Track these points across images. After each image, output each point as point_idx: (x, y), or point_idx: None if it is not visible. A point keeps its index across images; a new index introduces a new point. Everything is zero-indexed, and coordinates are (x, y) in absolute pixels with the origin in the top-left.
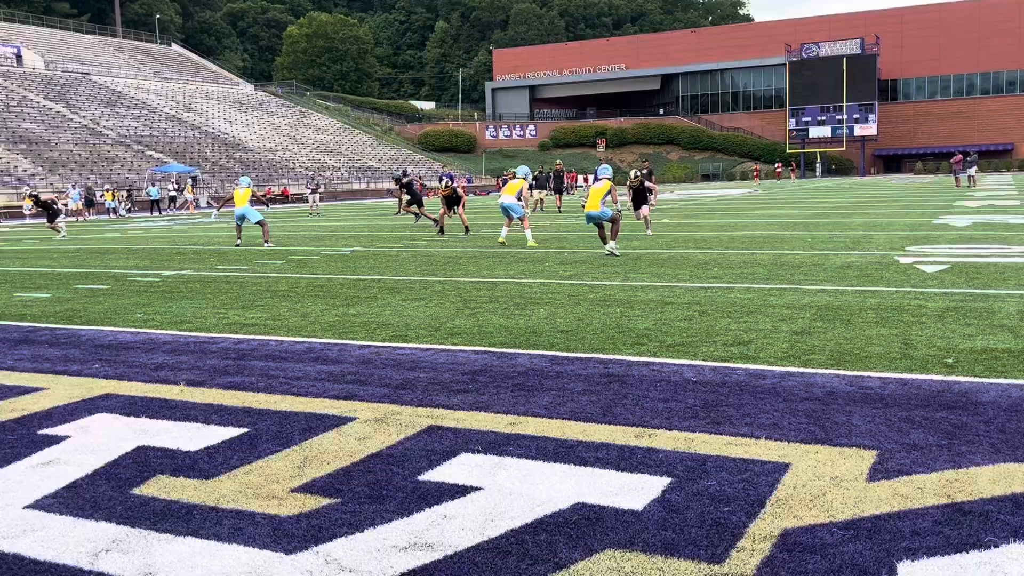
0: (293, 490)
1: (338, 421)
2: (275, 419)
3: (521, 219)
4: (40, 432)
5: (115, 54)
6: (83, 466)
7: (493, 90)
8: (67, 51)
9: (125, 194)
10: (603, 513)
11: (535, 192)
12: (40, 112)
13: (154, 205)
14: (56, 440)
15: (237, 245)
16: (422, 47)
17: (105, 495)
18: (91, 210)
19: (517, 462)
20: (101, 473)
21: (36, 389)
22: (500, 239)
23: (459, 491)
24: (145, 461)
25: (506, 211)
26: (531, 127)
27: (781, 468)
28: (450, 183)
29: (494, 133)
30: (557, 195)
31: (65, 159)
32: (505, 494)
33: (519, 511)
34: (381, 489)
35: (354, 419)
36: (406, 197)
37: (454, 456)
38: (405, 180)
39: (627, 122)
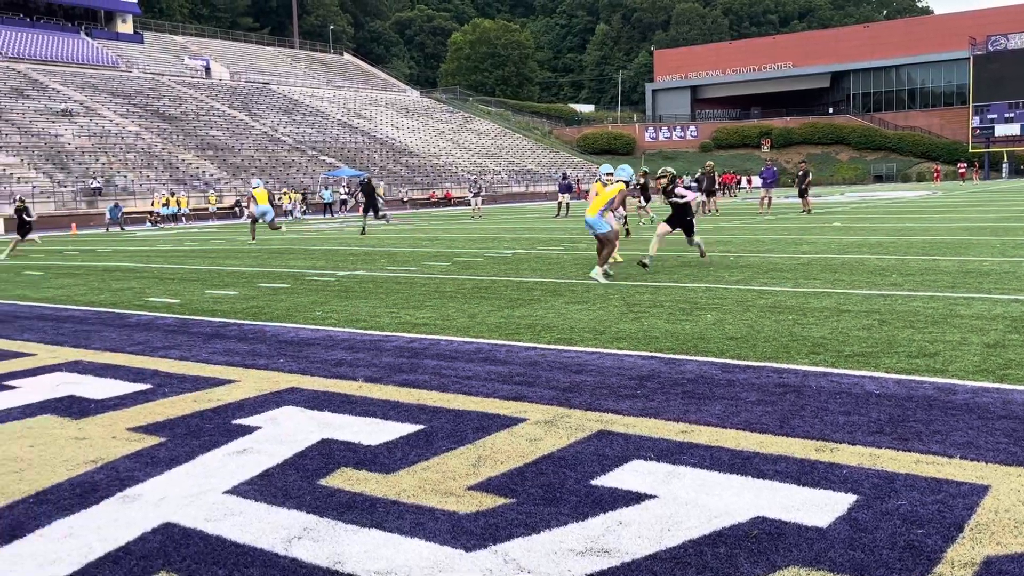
0: (469, 488)
1: (509, 421)
2: (449, 417)
3: (603, 238)
4: (234, 422)
5: (292, 64)
6: (274, 456)
7: (653, 91)
8: (250, 63)
9: (301, 197)
10: (785, 528)
11: (692, 195)
12: (225, 120)
13: (327, 208)
14: (248, 430)
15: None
16: (582, 50)
17: (295, 484)
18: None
19: (691, 471)
20: (290, 463)
21: (228, 381)
22: (615, 257)
23: (633, 498)
24: (330, 453)
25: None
26: (692, 128)
27: (979, 490)
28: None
29: (653, 135)
30: (709, 197)
31: (247, 164)
32: (681, 503)
33: (696, 522)
34: (555, 491)
35: (524, 420)
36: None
37: (626, 462)
38: (363, 185)
39: (793, 122)
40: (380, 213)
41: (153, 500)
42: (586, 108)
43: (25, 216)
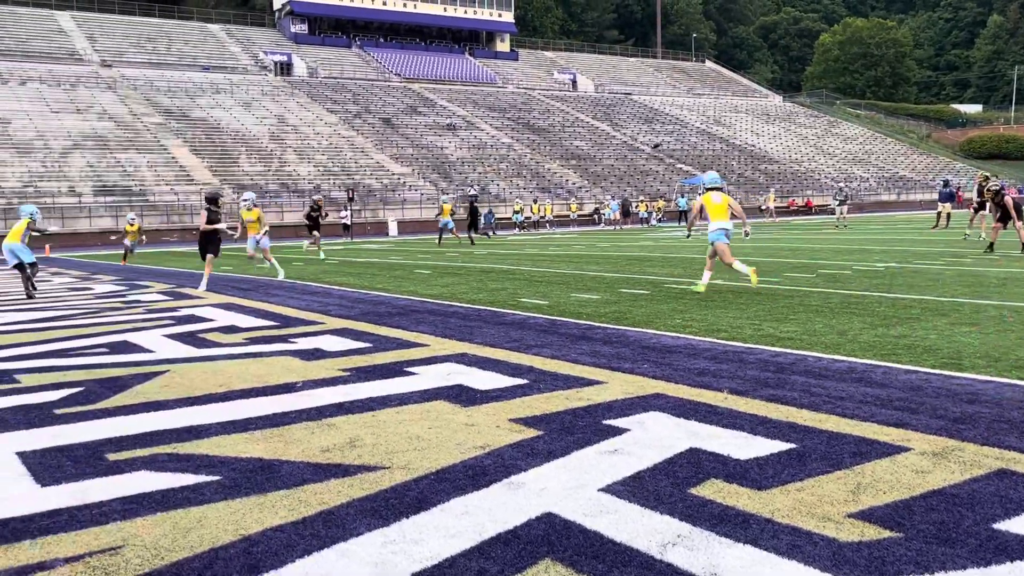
0: (849, 515)
1: (890, 449)
2: (822, 438)
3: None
4: (604, 422)
5: (654, 74)
6: (643, 459)
7: None
8: (614, 74)
9: (658, 204)
10: None
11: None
12: (588, 131)
13: (682, 215)
14: (618, 431)
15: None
16: (969, 45)
17: (666, 490)
18: (627, 219)
19: None
20: (660, 468)
21: (597, 382)
22: (697, 287)
23: None
24: (698, 463)
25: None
26: None
27: None
28: (1002, 192)
29: None
30: (978, 212)
31: (606, 173)
32: None
33: None
34: (949, 531)
35: (908, 449)
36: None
37: None
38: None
39: None
40: (481, 230)
41: (535, 489)
42: (972, 109)
43: (319, 216)
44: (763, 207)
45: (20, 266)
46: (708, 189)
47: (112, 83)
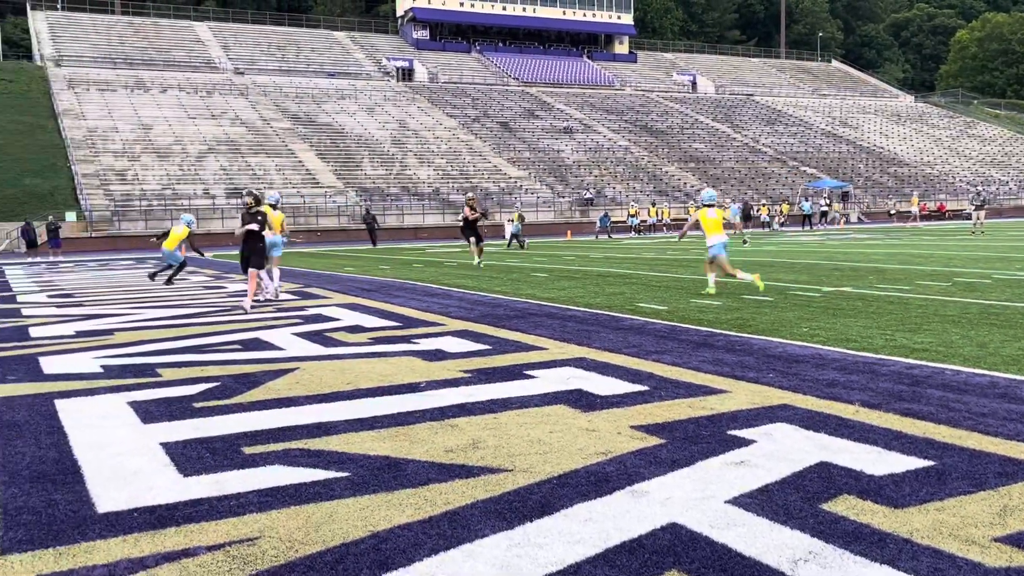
0: (996, 539)
1: None
2: (963, 456)
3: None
4: (728, 432)
5: (777, 74)
6: (771, 472)
7: None
8: (735, 75)
9: (782, 208)
10: None
11: None
12: (708, 132)
13: (806, 219)
14: (744, 442)
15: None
16: None
17: (795, 504)
18: (748, 223)
19: None
20: (789, 482)
21: (720, 391)
22: (708, 290)
23: None
24: (829, 477)
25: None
26: None
27: None
28: None
29: None
30: None
31: (727, 175)
32: None
33: None
34: None
35: None
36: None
37: None
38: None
39: None
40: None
41: (659, 499)
42: None
43: (374, 224)
44: (892, 212)
45: (170, 266)
46: (704, 205)
47: (244, 90)
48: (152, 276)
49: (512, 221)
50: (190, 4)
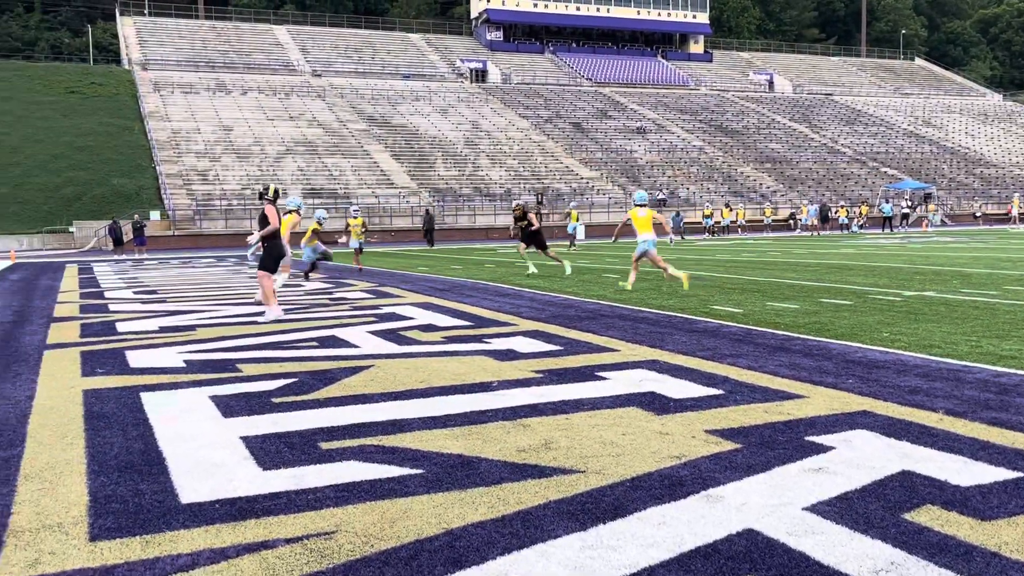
0: None
1: None
2: None
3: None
4: (806, 438)
5: (857, 73)
6: (851, 479)
7: None
8: (813, 74)
9: (861, 210)
10: None
11: None
12: (785, 133)
13: (886, 222)
14: (822, 449)
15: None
16: None
17: (876, 514)
18: (825, 225)
19: None
20: (869, 490)
21: (797, 396)
22: (625, 284)
23: None
24: (912, 487)
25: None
26: None
27: None
28: None
29: None
30: None
31: (804, 176)
32: None
33: None
34: None
35: None
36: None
37: None
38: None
39: None
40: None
41: (735, 504)
42: None
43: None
44: (977, 214)
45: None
46: (637, 205)
47: (321, 92)
48: (306, 275)
49: (571, 221)
50: (270, 8)
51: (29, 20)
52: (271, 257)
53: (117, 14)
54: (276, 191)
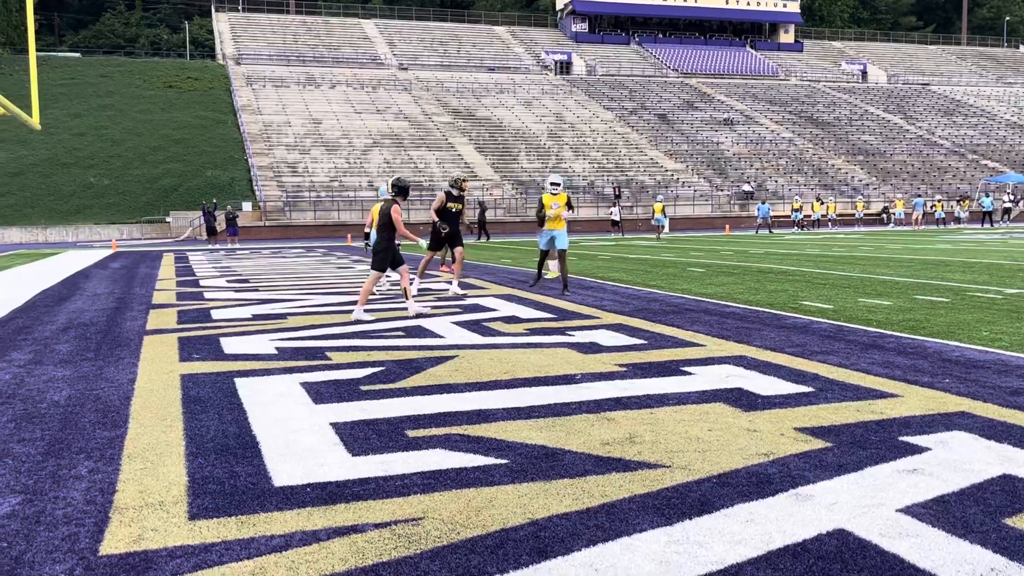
0: None
1: None
2: None
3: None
4: (900, 439)
5: (956, 62)
6: (948, 482)
7: None
8: (909, 63)
9: (964, 204)
10: None
11: None
12: (879, 124)
13: (986, 216)
14: (917, 450)
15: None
16: None
17: (975, 517)
18: (923, 220)
19: None
20: (967, 494)
21: (890, 395)
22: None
23: None
24: (1014, 491)
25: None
26: None
27: None
28: None
29: None
30: None
31: (898, 169)
32: None
33: None
34: None
35: None
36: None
37: None
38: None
39: None
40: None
41: (825, 503)
42: None
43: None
44: None
45: None
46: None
47: (408, 85)
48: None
49: (655, 213)
50: (358, 2)
51: (130, 18)
52: (385, 258)
53: (213, 10)
54: (406, 188)
